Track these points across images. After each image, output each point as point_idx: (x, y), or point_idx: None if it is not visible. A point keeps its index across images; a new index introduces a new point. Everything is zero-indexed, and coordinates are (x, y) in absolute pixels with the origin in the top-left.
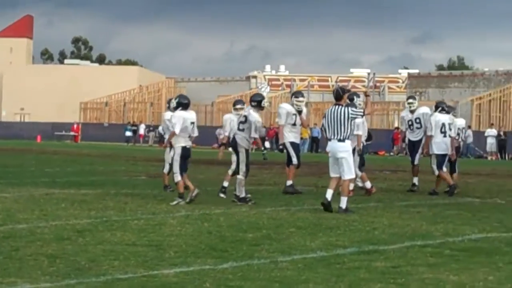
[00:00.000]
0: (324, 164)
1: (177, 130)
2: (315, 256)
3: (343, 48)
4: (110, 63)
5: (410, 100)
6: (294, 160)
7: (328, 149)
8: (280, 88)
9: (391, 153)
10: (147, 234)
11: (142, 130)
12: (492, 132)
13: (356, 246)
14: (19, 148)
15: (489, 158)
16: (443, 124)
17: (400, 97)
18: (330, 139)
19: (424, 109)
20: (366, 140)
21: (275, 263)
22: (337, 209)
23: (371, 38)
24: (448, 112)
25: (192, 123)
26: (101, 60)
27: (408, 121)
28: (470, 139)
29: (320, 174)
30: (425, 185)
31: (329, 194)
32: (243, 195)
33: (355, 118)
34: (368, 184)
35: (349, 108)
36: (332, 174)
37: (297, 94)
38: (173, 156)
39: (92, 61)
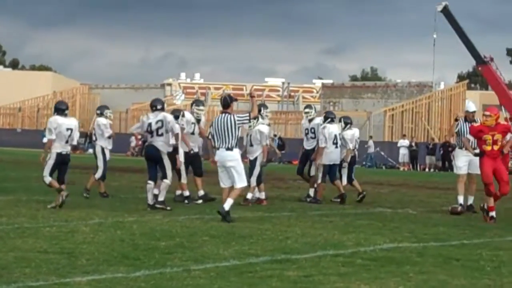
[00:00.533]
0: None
1: (48, 136)
2: (227, 264)
3: (259, 57)
4: (23, 68)
5: (307, 110)
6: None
7: (216, 158)
8: (195, 96)
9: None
10: (60, 242)
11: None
12: (404, 142)
13: (269, 255)
14: None
15: (401, 168)
16: (335, 136)
17: (314, 106)
18: (218, 148)
19: (319, 120)
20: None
21: (187, 272)
22: (234, 218)
23: (286, 48)
24: (347, 123)
25: (69, 129)
26: (14, 65)
27: (305, 129)
28: (371, 149)
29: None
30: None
31: (228, 203)
32: (162, 199)
33: (242, 124)
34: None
35: (235, 116)
36: (223, 185)
37: (198, 102)
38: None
39: (5, 66)
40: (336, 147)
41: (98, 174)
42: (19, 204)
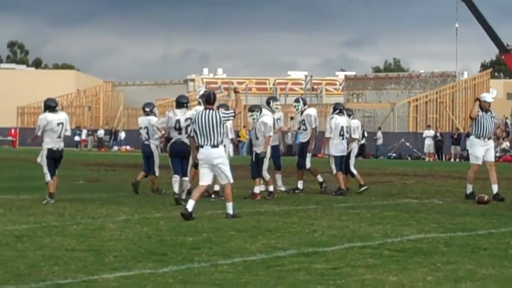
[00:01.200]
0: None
1: (38, 132)
2: (255, 258)
3: (281, 51)
4: (46, 67)
5: (294, 103)
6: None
7: (200, 156)
8: (218, 91)
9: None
10: (87, 239)
11: (84, 135)
12: (429, 133)
13: (296, 248)
14: None
15: (426, 159)
16: (342, 127)
17: (338, 99)
18: (202, 146)
19: (309, 111)
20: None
21: (215, 266)
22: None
23: (308, 41)
24: (349, 115)
25: (60, 123)
26: (37, 64)
27: (298, 122)
28: (380, 141)
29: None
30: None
31: (190, 204)
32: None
33: (227, 120)
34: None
35: (220, 111)
36: (202, 182)
37: (274, 99)
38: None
39: (28, 66)
40: (343, 138)
41: (157, 171)
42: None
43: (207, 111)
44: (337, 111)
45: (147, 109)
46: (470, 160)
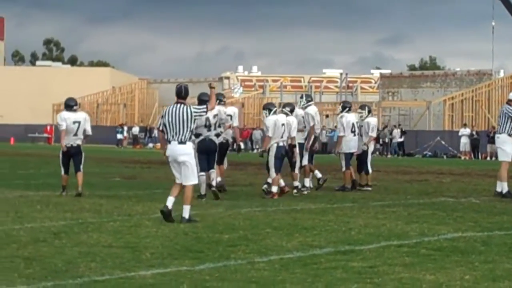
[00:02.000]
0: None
1: (61, 129)
2: (291, 256)
3: (315, 48)
4: (82, 64)
5: (299, 99)
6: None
7: (168, 153)
8: (253, 89)
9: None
10: (123, 236)
11: (125, 132)
12: (465, 131)
13: (332, 246)
14: None
15: (462, 157)
16: (353, 124)
17: (373, 97)
18: (170, 141)
19: (309, 109)
20: None
21: (251, 264)
22: (180, 219)
23: (343, 39)
24: (369, 112)
25: (76, 122)
26: (73, 61)
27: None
28: (396, 139)
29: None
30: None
31: (170, 201)
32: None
33: (199, 116)
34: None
35: (192, 107)
36: (178, 180)
37: (307, 96)
38: None
39: (64, 63)
40: (354, 135)
41: (226, 165)
42: (82, 199)
43: (178, 105)
44: (346, 109)
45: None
46: (501, 157)
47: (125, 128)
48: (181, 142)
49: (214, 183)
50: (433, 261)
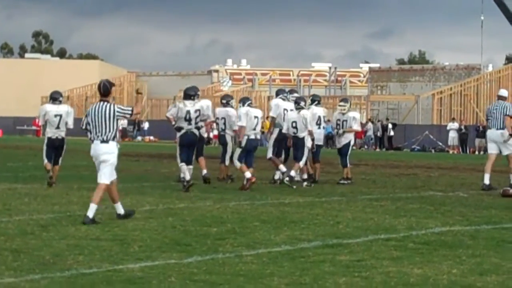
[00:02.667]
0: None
1: (39, 122)
2: (279, 250)
3: (304, 42)
4: (71, 57)
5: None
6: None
7: (91, 153)
8: (242, 82)
9: (353, 147)
10: (112, 229)
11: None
12: (454, 125)
13: (320, 239)
14: None
15: (450, 152)
16: (319, 117)
17: (362, 91)
18: (93, 140)
19: (273, 101)
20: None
21: (239, 257)
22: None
23: (332, 33)
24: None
25: (58, 115)
26: (62, 54)
27: None
28: (370, 132)
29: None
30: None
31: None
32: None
33: (122, 117)
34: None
35: (116, 106)
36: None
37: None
38: None
39: (53, 55)
40: (319, 128)
41: (228, 161)
42: (70, 192)
43: (101, 103)
44: (315, 102)
45: (224, 101)
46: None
47: (124, 121)
48: (103, 141)
49: (187, 176)
50: (420, 255)
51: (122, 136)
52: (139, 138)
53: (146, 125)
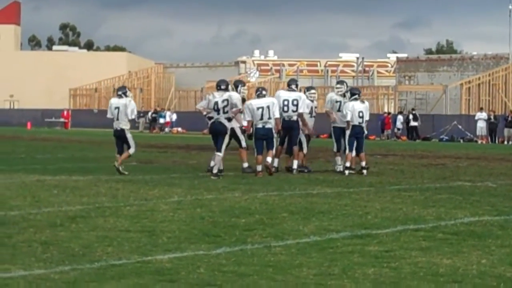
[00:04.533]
0: (315, 149)
1: (107, 115)
2: (308, 240)
3: (332, 32)
4: (98, 49)
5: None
6: (243, 143)
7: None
8: (269, 73)
9: (382, 137)
10: (140, 220)
11: (168, 117)
12: (482, 115)
13: (349, 230)
14: (9, 135)
15: (479, 141)
16: (312, 107)
17: (389, 81)
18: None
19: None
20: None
21: (268, 248)
22: None
23: (359, 23)
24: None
25: (116, 108)
26: (89, 46)
27: None
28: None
29: (311, 159)
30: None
31: None
32: (216, 170)
33: None
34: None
35: None
36: None
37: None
38: None
39: (80, 47)
40: (311, 117)
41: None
42: (99, 183)
43: None
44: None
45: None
46: None
47: (168, 112)
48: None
49: (215, 169)
50: (449, 245)
51: (150, 128)
52: (167, 129)
53: (174, 117)
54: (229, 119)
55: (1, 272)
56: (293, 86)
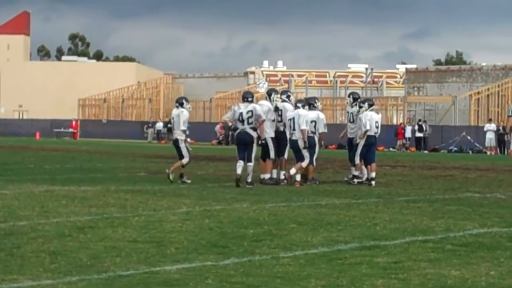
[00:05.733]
0: (323, 160)
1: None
2: (316, 251)
3: (340, 43)
4: (107, 59)
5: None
6: (272, 154)
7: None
8: (278, 84)
9: (396, 148)
10: (149, 231)
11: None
12: (491, 126)
13: (358, 241)
14: (18, 145)
15: (488, 153)
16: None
17: (398, 92)
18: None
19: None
20: None
21: (276, 259)
22: None
23: (369, 33)
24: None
25: (172, 118)
26: (98, 56)
27: None
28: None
29: (319, 170)
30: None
31: None
32: (250, 180)
33: None
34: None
35: None
36: None
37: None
38: None
39: (89, 58)
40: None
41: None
42: (107, 194)
43: None
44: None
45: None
46: None
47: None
48: None
49: (249, 175)
50: (458, 256)
51: (158, 138)
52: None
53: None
54: (254, 129)
55: (9, 283)
56: (284, 97)
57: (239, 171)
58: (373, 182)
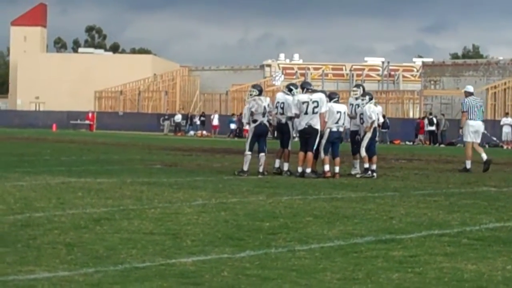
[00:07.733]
0: (343, 153)
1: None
2: (332, 245)
3: (357, 36)
4: (124, 51)
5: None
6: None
7: None
8: (294, 77)
9: (417, 142)
10: (164, 223)
11: (216, 120)
12: (507, 120)
13: (373, 235)
14: (34, 137)
15: (504, 147)
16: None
17: (415, 86)
18: None
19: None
20: (383, 128)
21: (292, 252)
22: None
23: (385, 27)
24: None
25: (305, 103)
26: (115, 49)
27: None
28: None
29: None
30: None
31: None
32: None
33: None
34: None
35: None
36: None
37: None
38: None
39: (106, 50)
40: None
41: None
42: (124, 186)
43: None
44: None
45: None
46: None
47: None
48: None
49: (261, 166)
50: (474, 251)
51: (175, 131)
52: (192, 132)
53: (198, 120)
54: (269, 122)
55: (25, 274)
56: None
57: (246, 166)
58: (375, 174)
